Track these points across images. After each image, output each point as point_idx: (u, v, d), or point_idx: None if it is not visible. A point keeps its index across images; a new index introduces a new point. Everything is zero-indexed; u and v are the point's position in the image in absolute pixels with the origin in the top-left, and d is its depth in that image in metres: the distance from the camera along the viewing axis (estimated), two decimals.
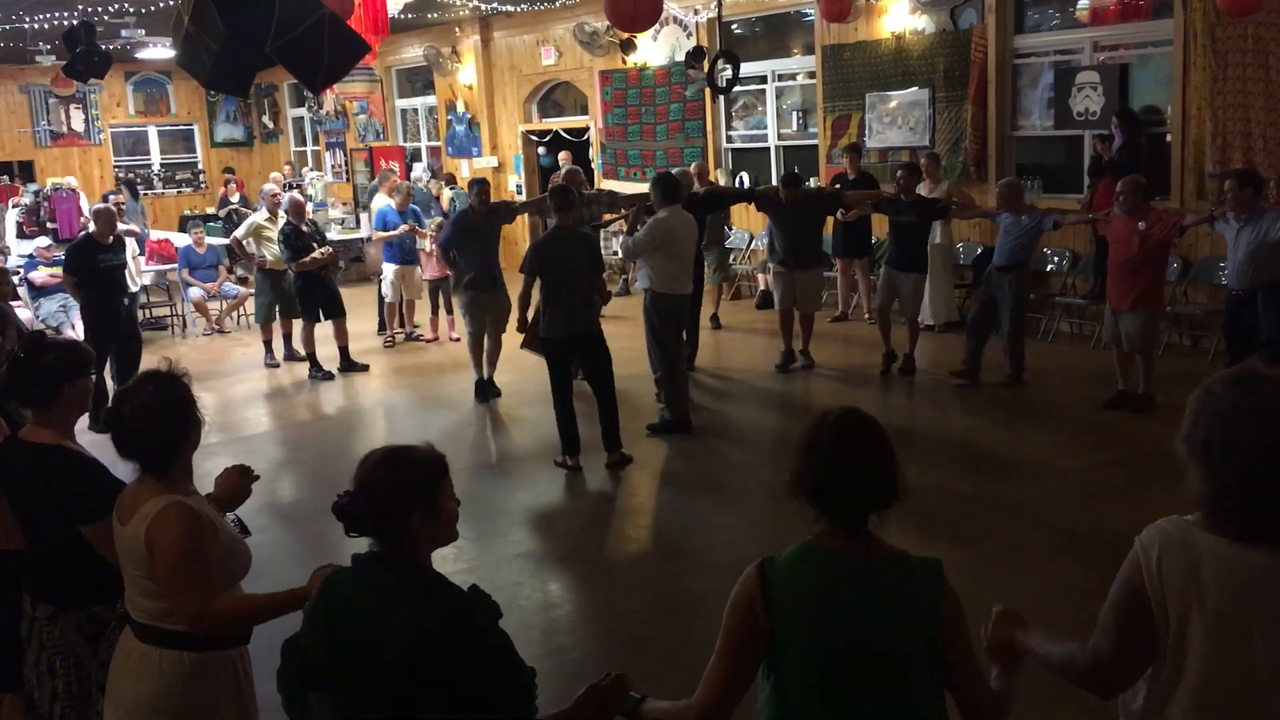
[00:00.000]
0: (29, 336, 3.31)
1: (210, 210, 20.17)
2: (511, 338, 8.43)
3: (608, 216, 9.61)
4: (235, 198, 17.52)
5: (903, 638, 2.22)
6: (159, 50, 16.26)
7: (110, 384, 8.03)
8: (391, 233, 11.26)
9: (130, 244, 10.75)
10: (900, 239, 9.24)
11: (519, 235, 15.71)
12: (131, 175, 20.16)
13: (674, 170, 9.99)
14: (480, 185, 9.20)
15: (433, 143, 18.58)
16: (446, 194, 15.41)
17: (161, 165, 21.84)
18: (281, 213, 10.62)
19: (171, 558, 2.70)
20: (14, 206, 16.58)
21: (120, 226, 9.80)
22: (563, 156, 15.17)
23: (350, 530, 2.30)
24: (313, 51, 4.70)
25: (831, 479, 2.24)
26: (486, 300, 9.01)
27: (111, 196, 13.72)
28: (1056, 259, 10.43)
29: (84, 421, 3.47)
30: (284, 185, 14.63)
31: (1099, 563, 4.53)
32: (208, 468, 3.09)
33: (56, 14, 13.37)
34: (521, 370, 9.34)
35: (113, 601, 3.07)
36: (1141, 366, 7.76)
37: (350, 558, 2.38)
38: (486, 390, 9.15)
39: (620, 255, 8.18)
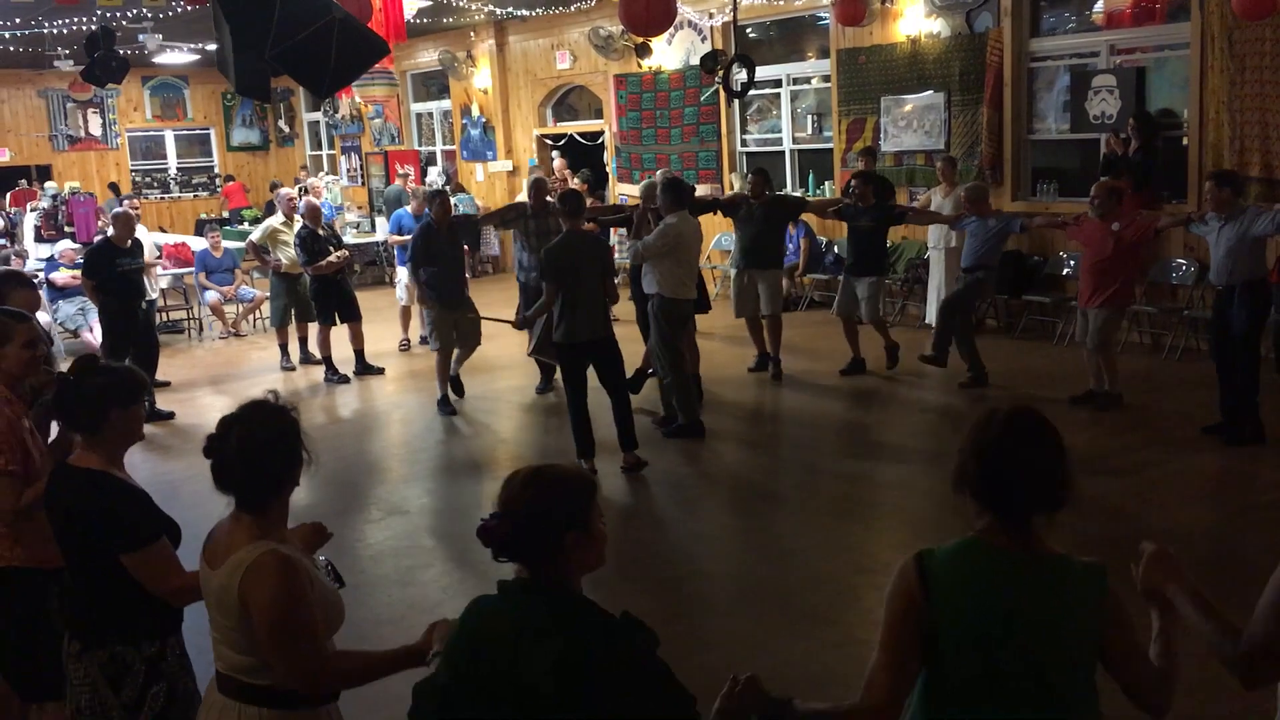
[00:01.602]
0: (81, 359, 3.20)
1: (226, 214, 20.29)
2: (490, 349, 8.41)
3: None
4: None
5: (1064, 638, 2.19)
6: (176, 55, 16.35)
7: None
8: (405, 237, 11.29)
9: (149, 247, 10.80)
10: (858, 245, 9.50)
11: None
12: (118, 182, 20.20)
13: (644, 182, 10.07)
14: (439, 197, 9.07)
15: (448, 147, 18.63)
16: (452, 200, 15.47)
17: (178, 169, 21.96)
18: (298, 216, 10.66)
19: (273, 615, 2.50)
20: (32, 210, 16.67)
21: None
22: (557, 165, 15.24)
23: (498, 555, 2.19)
24: (319, 56, 4.59)
25: (1000, 476, 2.20)
26: (455, 317, 8.92)
27: (126, 201, 13.79)
28: (1073, 263, 10.38)
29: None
30: (301, 190, 14.68)
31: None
32: None
33: (75, 19, 13.46)
34: (534, 374, 9.37)
35: (139, 643, 3.01)
36: (1104, 366, 7.99)
37: (496, 584, 2.24)
38: (447, 403, 8.99)
39: (628, 259, 8.15)
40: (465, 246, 9.58)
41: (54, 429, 3.66)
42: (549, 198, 9.24)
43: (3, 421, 3.42)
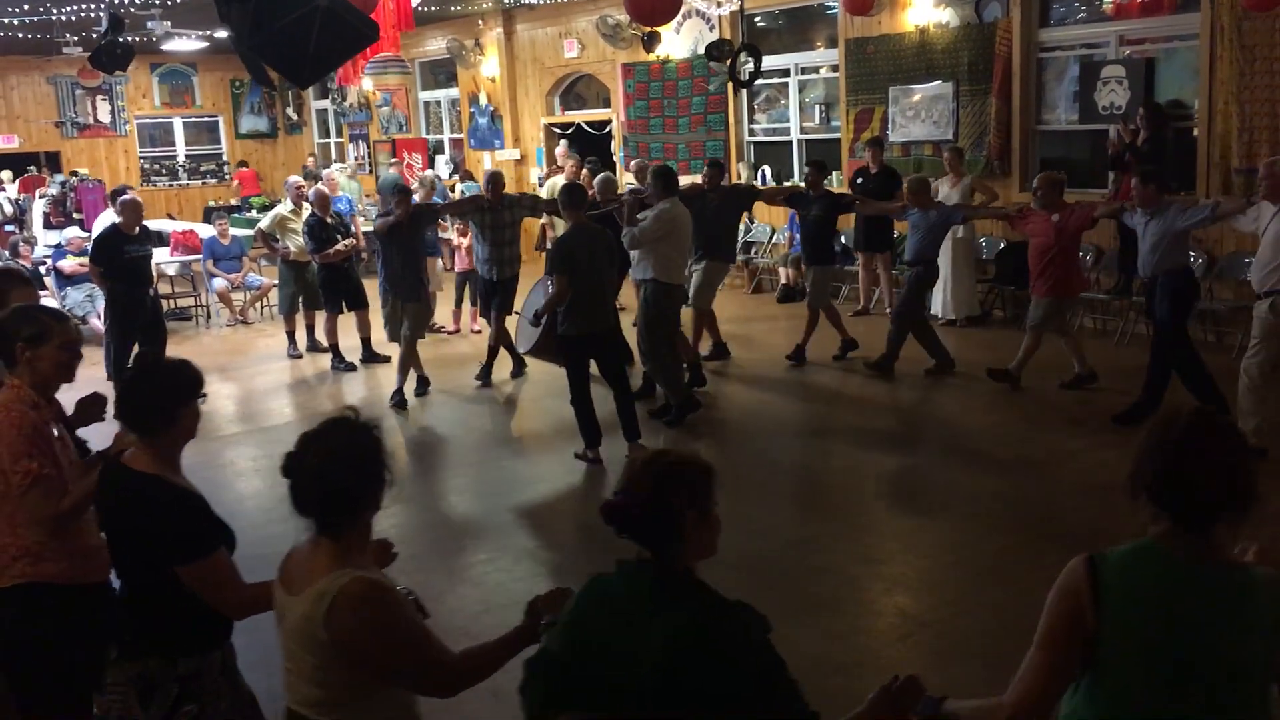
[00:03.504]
0: (140, 357, 3.11)
1: (234, 201, 20.31)
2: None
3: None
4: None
5: (1242, 650, 2.12)
6: (185, 42, 16.35)
7: None
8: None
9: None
10: (807, 233, 9.66)
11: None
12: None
13: (604, 175, 10.12)
14: (401, 194, 8.98)
15: (455, 135, 18.63)
16: (459, 187, 15.49)
17: (186, 156, 21.99)
18: (306, 204, 10.68)
19: (383, 640, 2.40)
20: (41, 197, 16.71)
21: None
22: (560, 153, 15.22)
23: (621, 532, 2.22)
24: (298, 43, 4.42)
25: (1181, 479, 2.13)
26: (405, 308, 8.85)
27: (130, 191, 13.82)
28: (1080, 254, 10.34)
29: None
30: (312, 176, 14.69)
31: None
32: (230, 457, 3.07)
33: (84, 5, 13.46)
34: (538, 365, 9.38)
35: (175, 660, 2.88)
36: (1024, 348, 8.42)
37: (615, 563, 2.29)
38: (401, 395, 8.95)
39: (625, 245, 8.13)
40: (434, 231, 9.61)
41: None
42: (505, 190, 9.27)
43: (29, 425, 3.26)
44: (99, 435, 3.64)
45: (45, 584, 3.26)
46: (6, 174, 18.02)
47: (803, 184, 10.26)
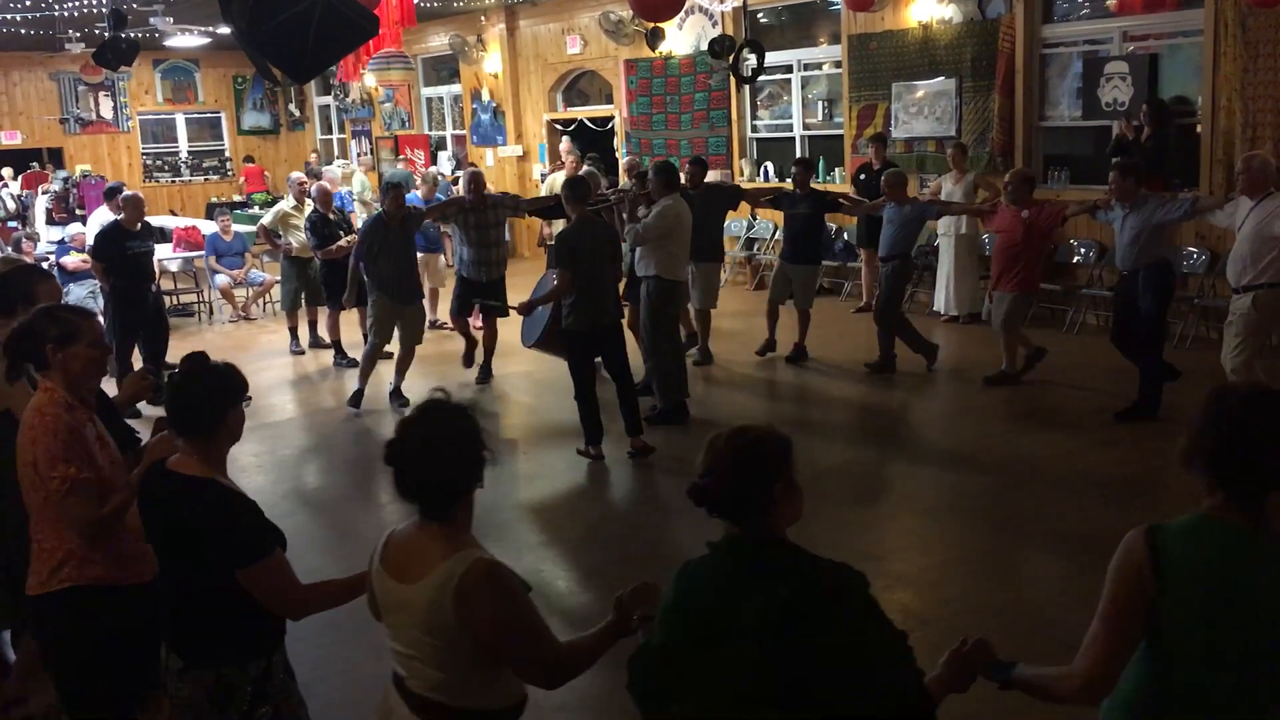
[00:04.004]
0: (188, 359, 2.96)
1: (238, 198, 20.32)
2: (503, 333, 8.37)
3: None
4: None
5: None
6: (187, 38, 16.35)
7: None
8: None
9: None
10: (794, 232, 9.55)
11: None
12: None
13: (585, 170, 10.00)
14: (395, 189, 8.78)
15: (458, 131, 18.62)
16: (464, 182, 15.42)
17: (189, 153, 21.99)
18: (309, 200, 10.68)
19: (505, 620, 2.43)
20: (44, 193, 16.72)
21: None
22: (563, 145, 15.19)
23: (712, 512, 2.27)
24: (296, 39, 4.35)
25: (1238, 452, 2.18)
26: (402, 312, 8.66)
27: (124, 188, 13.81)
28: (1084, 250, 10.35)
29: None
30: (312, 172, 14.68)
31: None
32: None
33: (86, 1, 13.47)
34: (541, 359, 9.38)
35: (245, 663, 2.85)
36: (1006, 345, 8.45)
37: (706, 545, 2.32)
38: (359, 399, 8.74)
39: (627, 242, 8.09)
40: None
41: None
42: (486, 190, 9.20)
43: (65, 429, 3.18)
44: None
45: (93, 586, 3.23)
46: (8, 171, 18.03)
47: (789, 183, 10.16)
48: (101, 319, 10.91)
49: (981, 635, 2.44)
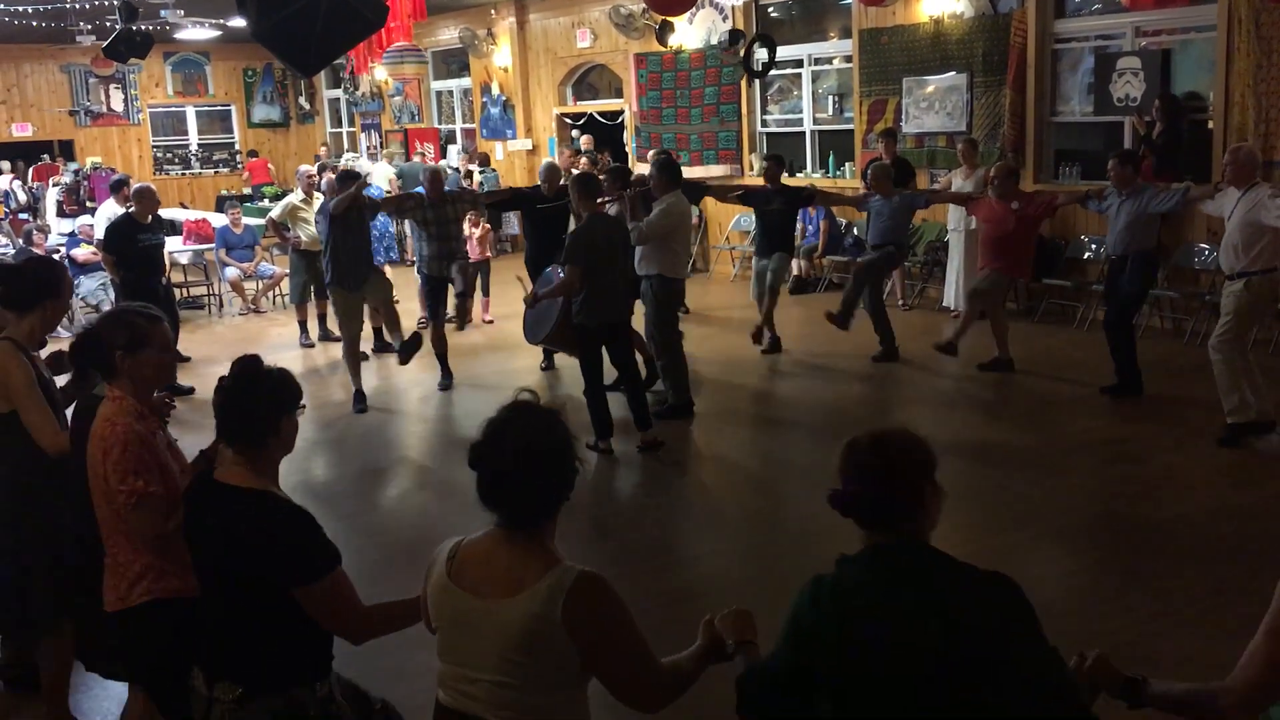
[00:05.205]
0: (239, 363, 2.74)
1: (247, 191, 20.35)
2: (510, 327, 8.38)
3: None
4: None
5: None
6: (198, 30, 16.37)
7: None
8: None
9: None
10: (767, 228, 9.64)
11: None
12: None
13: (546, 163, 9.95)
14: (350, 175, 8.74)
15: (468, 125, 18.62)
16: (477, 176, 15.45)
17: (199, 145, 22.03)
18: (317, 194, 10.68)
19: (617, 635, 2.30)
20: (55, 185, 16.77)
21: None
22: (584, 140, 15.21)
23: (861, 520, 2.21)
24: (304, 32, 4.33)
25: None
26: (354, 299, 8.64)
27: (131, 180, 13.85)
28: (1094, 246, 10.31)
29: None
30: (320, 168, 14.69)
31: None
32: None
33: None
34: (541, 352, 9.39)
35: (313, 683, 2.68)
36: (964, 317, 8.71)
37: (837, 562, 2.25)
38: (362, 399, 8.73)
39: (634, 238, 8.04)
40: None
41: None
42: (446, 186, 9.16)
43: (135, 440, 3.07)
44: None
45: (171, 599, 3.17)
46: (4, 164, 17.95)
47: (763, 179, 10.14)
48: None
49: (1100, 649, 2.29)
